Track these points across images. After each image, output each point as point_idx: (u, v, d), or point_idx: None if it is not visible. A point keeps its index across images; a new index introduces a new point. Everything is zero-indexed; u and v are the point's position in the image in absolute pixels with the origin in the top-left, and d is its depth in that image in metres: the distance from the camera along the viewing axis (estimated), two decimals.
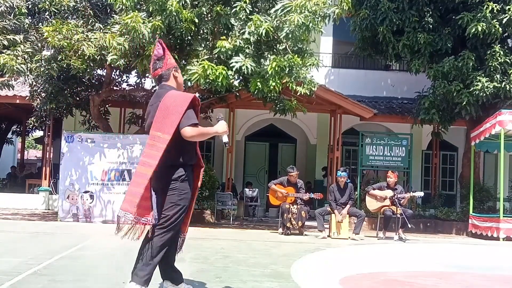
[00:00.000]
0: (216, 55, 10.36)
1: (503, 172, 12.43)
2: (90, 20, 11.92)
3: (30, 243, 7.79)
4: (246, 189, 15.73)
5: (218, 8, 10.36)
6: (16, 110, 17.82)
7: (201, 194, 13.44)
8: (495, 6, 12.45)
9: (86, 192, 11.85)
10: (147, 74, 12.03)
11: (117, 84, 14.08)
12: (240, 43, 10.09)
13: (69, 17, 12.14)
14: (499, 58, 12.53)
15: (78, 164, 11.93)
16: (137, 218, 3.73)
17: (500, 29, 12.48)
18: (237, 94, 13.20)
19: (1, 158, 21.71)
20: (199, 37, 10.97)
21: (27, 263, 5.56)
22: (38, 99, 13.78)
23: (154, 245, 3.72)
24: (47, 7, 11.75)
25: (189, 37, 10.77)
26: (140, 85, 13.91)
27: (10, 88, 12.78)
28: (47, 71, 12.00)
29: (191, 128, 3.66)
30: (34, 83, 13.66)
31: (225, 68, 10.04)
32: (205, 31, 10.87)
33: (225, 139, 3.87)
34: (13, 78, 12.98)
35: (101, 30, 11.42)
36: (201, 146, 18.89)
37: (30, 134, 25.11)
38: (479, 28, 12.39)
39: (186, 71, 10.34)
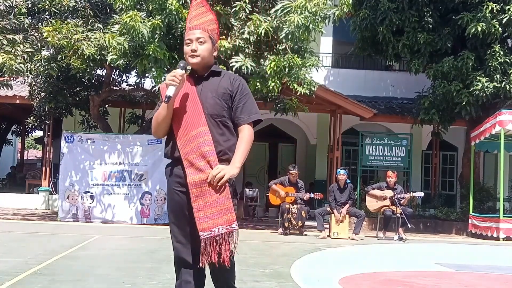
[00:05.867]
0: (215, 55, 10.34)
1: (503, 172, 12.43)
2: (90, 20, 11.92)
3: (30, 243, 7.78)
4: (246, 189, 15.73)
5: (218, 8, 10.36)
6: (16, 110, 17.82)
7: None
8: (495, 6, 12.44)
9: (86, 192, 11.85)
10: (146, 74, 12.02)
11: (117, 84, 14.08)
12: (239, 42, 10.09)
13: (69, 17, 12.14)
14: (499, 58, 12.53)
15: (78, 164, 11.93)
16: None
17: (500, 29, 12.48)
18: None
19: (1, 158, 21.71)
20: None
21: (27, 263, 5.56)
22: (37, 98, 13.78)
23: None
24: (47, 7, 11.75)
25: None
26: (140, 85, 13.91)
27: (9, 87, 12.78)
28: (46, 71, 12.00)
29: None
30: (33, 83, 13.66)
31: (225, 68, 10.02)
32: None
33: (168, 91, 2.84)
34: (12, 78, 12.98)
35: (101, 30, 11.42)
36: None
37: (30, 134, 25.12)
38: (479, 28, 12.39)
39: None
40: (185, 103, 2.94)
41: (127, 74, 14.21)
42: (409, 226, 10.44)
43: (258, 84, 10.26)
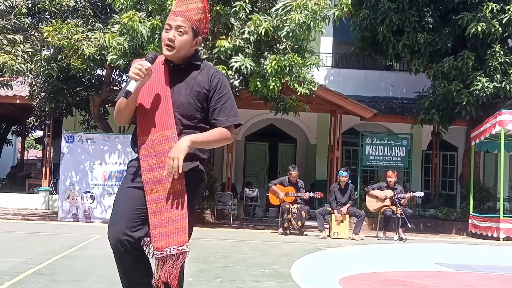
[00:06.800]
0: (215, 55, 10.36)
1: (503, 172, 12.43)
2: (90, 20, 11.93)
3: (30, 243, 7.78)
4: (246, 189, 15.73)
5: (217, 8, 10.37)
6: (16, 110, 17.83)
7: (201, 194, 13.43)
8: (495, 6, 12.45)
9: (86, 192, 11.85)
10: None
11: (117, 84, 14.08)
12: (239, 42, 10.09)
13: (69, 17, 12.14)
14: (499, 58, 12.53)
15: (79, 164, 11.94)
16: None
17: (500, 29, 12.49)
18: (237, 94, 13.19)
19: (1, 158, 21.72)
20: None
21: (27, 263, 5.56)
22: (37, 98, 13.78)
23: None
24: (47, 7, 11.75)
25: None
26: None
27: (9, 87, 12.78)
28: (46, 71, 12.01)
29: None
30: (33, 83, 13.66)
31: (225, 68, 10.04)
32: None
33: (129, 86, 2.52)
34: (12, 78, 12.98)
35: (101, 30, 11.43)
36: None
37: (30, 134, 25.13)
38: (479, 28, 12.39)
39: None
40: (155, 96, 2.58)
41: (127, 74, 14.20)
42: (409, 226, 10.44)
43: (258, 84, 10.26)
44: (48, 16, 12.54)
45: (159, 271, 2.54)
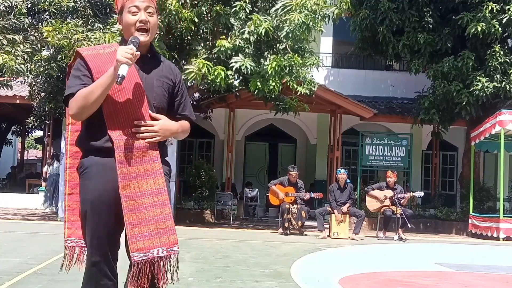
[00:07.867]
0: (215, 55, 10.36)
1: (503, 172, 12.43)
2: (90, 20, 11.92)
3: (30, 243, 7.78)
4: (246, 189, 15.73)
5: (217, 8, 10.36)
6: (16, 110, 17.83)
7: (201, 194, 13.45)
8: (495, 6, 12.45)
9: None
10: None
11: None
12: (240, 42, 10.09)
13: (69, 17, 12.14)
14: (499, 58, 12.53)
15: None
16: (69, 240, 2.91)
17: (500, 29, 12.48)
18: (237, 94, 13.20)
19: (1, 158, 21.72)
20: (199, 36, 10.96)
21: (27, 263, 5.56)
22: (37, 98, 13.78)
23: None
24: (46, 7, 11.75)
25: (189, 37, 10.76)
26: None
27: (9, 88, 12.78)
28: (46, 71, 12.00)
29: (70, 102, 2.41)
30: (33, 83, 13.67)
31: (224, 69, 10.03)
32: (204, 30, 10.87)
33: (121, 70, 2.28)
34: (12, 78, 12.99)
35: (101, 30, 11.42)
36: (200, 145, 18.81)
37: (30, 134, 25.14)
38: (479, 28, 12.39)
39: (183, 71, 10.37)
40: (127, 87, 2.37)
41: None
42: (409, 226, 10.44)
43: (258, 84, 10.26)
44: (48, 16, 12.53)
45: (140, 277, 2.28)
